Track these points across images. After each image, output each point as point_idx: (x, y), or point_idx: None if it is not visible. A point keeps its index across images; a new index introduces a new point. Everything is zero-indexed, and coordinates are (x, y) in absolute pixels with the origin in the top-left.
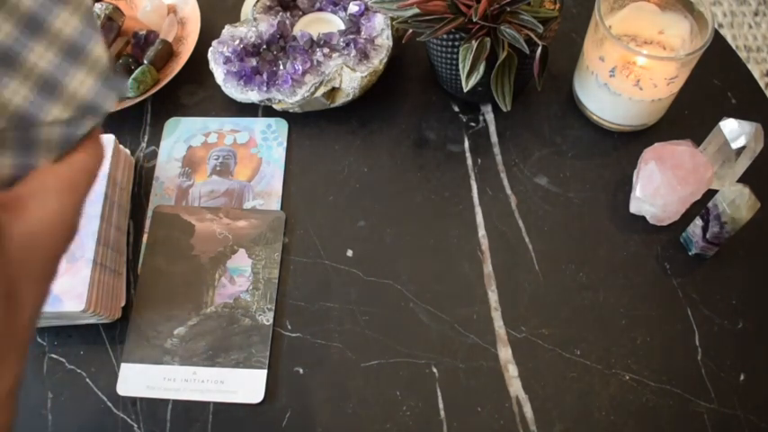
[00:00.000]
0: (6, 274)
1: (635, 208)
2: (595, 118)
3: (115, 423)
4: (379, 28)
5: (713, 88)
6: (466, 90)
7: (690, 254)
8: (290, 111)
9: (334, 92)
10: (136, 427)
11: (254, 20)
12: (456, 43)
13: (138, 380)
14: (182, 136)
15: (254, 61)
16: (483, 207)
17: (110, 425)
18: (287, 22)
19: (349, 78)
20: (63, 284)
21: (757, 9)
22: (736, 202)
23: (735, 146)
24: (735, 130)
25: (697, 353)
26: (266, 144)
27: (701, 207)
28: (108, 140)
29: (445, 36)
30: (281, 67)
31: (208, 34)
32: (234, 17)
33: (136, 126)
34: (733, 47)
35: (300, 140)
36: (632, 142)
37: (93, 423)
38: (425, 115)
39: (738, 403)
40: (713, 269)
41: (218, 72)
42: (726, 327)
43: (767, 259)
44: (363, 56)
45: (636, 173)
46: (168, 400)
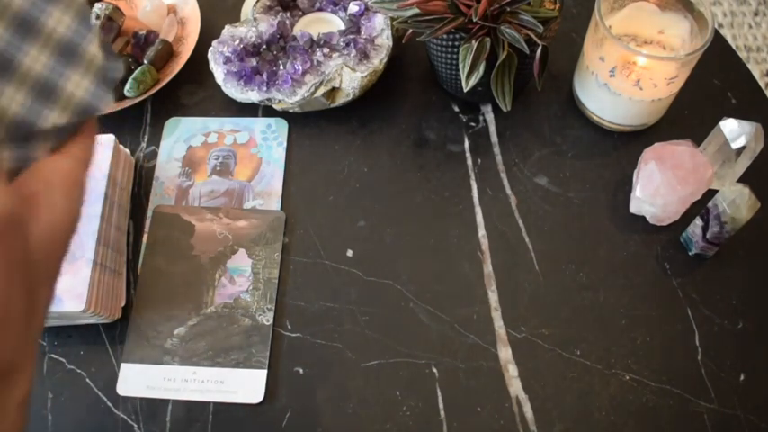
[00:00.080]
0: (29, 274)
1: (635, 208)
2: (595, 118)
3: (115, 423)
4: (379, 28)
5: (713, 88)
6: (466, 90)
7: (690, 254)
8: (290, 111)
9: (334, 92)
10: (136, 427)
11: (254, 20)
12: (456, 43)
13: (138, 380)
14: (182, 136)
15: (254, 61)
16: (483, 207)
17: (110, 425)
18: (287, 22)
19: (349, 78)
20: (63, 284)
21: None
22: (736, 202)
23: (735, 146)
24: (735, 130)
25: (697, 353)
26: (266, 144)
27: (701, 207)
28: (108, 140)
29: (445, 36)
30: (281, 67)
31: (208, 34)
32: (234, 17)
33: (136, 126)
34: (733, 47)
35: (300, 140)
36: (632, 142)
37: (93, 423)
38: (425, 115)
39: (738, 403)
40: (713, 269)
41: (218, 72)
42: (726, 327)
43: (767, 259)
44: (363, 56)
45: (636, 173)
46: (168, 400)
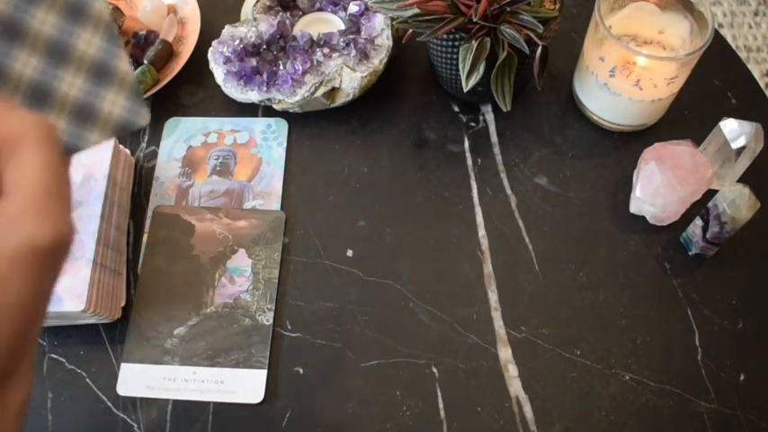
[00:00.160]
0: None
1: (635, 208)
2: (595, 118)
3: (115, 423)
4: (379, 28)
5: (713, 88)
6: (466, 90)
7: (690, 254)
8: (290, 111)
9: (334, 92)
10: (136, 427)
11: (254, 20)
12: (456, 43)
13: (138, 380)
14: (182, 136)
15: (254, 61)
16: (483, 207)
17: (110, 425)
18: (287, 22)
19: (349, 78)
20: (63, 284)
21: (757, 9)
22: (736, 202)
23: (735, 146)
24: (735, 130)
25: (697, 353)
26: (266, 144)
27: (701, 207)
28: (108, 141)
29: (445, 36)
30: (281, 67)
31: (208, 34)
32: (234, 17)
33: None
34: (733, 47)
35: (300, 140)
36: (632, 142)
37: (93, 423)
38: (425, 115)
39: (738, 403)
40: (713, 269)
41: (218, 72)
42: (726, 327)
43: (767, 259)
44: (363, 56)
45: (636, 173)
46: (168, 400)
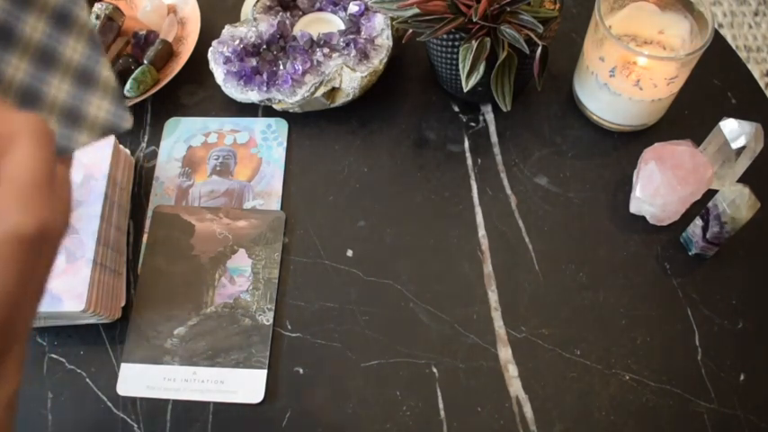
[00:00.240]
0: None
1: (635, 208)
2: (595, 118)
3: (115, 423)
4: (379, 28)
5: (713, 88)
6: (466, 90)
7: (690, 254)
8: (290, 111)
9: (334, 92)
10: (136, 427)
11: (254, 20)
12: (456, 43)
13: (138, 380)
14: (182, 136)
15: (254, 61)
16: (483, 207)
17: (110, 425)
18: (287, 22)
19: (349, 78)
20: (63, 284)
21: (757, 9)
22: (736, 202)
23: (735, 146)
24: (735, 130)
25: (697, 353)
26: (266, 144)
27: (701, 207)
28: (108, 140)
29: (445, 36)
30: (281, 67)
31: (208, 34)
32: (234, 17)
33: (136, 126)
34: (733, 47)
35: (300, 140)
36: (632, 142)
37: (93, 423)
38: (425, 115)
39: (738, 403)
40: (713, 269)
41: (218, 72)
42: (726, 327)
43: (767, 259)
44: (363, 56)
45: (636, 173)
46: (168, 400)
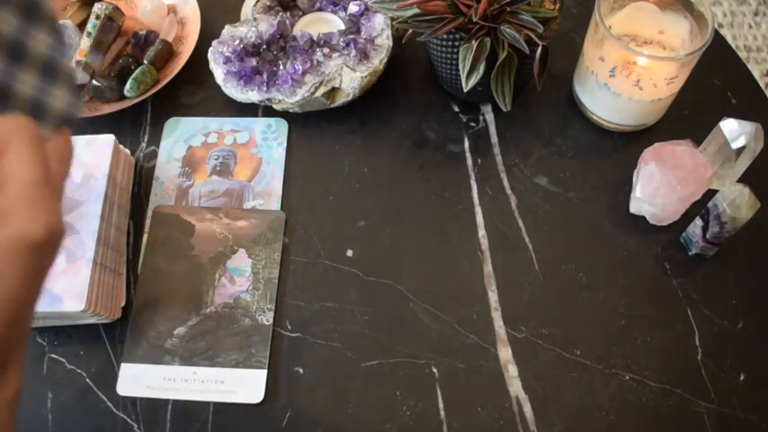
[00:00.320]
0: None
1: (635, 208)
2: (595, 118)
3: (115, 423)
4: (379, 28)
5: (713, 88)
6: (466, 90)
7: (690, 254)
8: (290, 111)
9: (334, 92)
10: (136, 427)
11: (254, 20)
12: (456, 43)
13: (138, 380)
14: (182, 136)
15: (254, 61)
16: (483, 207)
17: (110, 425)
18: (287, 22)
19: (349, 78)
20: (63, 284)
21: (757, 9)
22: (736, 202)
23: (735, 146)
24: (735, 130)
25: (697, 353)
26: (266, 144)
27: (701, 207)
28: (108, 140)
29: (445, 36)
30: (281, 67)
31: (208, 34)
32: (234, 17)
33: (136, 126)
34: (733, 47)
35: (300, 140)
36: (632, 142)
37: (93, 423)
38: (425, 115)
39: (738, 403)
40: (713, 269)
41: (218, 72)
42: (726, 327)
43: (767, 259)
44: (363, 56)
45: (636, 173)
46: (168, 400)
